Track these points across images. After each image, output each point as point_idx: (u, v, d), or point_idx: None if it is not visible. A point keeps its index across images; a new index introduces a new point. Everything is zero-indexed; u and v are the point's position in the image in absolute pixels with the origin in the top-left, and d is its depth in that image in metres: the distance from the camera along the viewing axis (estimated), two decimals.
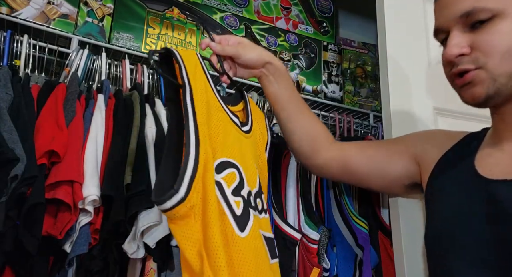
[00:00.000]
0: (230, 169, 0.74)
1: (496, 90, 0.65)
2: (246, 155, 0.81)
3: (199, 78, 0.75)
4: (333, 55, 1.83)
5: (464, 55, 0.67)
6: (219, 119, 0.78)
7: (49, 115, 0.97)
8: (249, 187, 0.77)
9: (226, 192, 0.70)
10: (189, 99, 0.70)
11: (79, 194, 0.89)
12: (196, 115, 0.70)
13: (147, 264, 0.97)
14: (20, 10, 1.26)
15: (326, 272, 1.17)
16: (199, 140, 0.68)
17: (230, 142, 0.77)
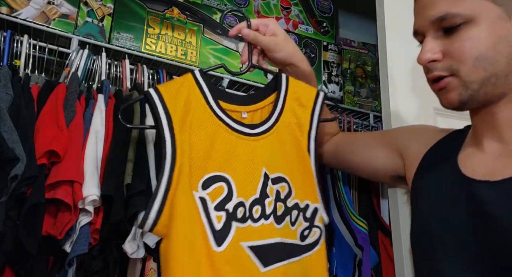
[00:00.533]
0: (218, 183, 0.80)
1: (469, 96, 0.66)
2: (246, 162, 0.83)
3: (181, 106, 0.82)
4: (333, 55, 1.83)
5: (436, 61, 0.67)
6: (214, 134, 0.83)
7: (49, 115, 0.97)
8: (242, 197, 0.80)
9: (209, 207, 0.77)
10: (168, 130, 0.79)
11: (79, 194, 0.89)
12: (175, 142, 0.78)
13: (147, 264, 0.97)
14: (20, 10, 1.26)
15: None
16: (174, 167, 0.77)
17: (223, 154, 0.82)
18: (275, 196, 0.83)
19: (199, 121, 0.83)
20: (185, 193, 0.76)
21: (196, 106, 0.84)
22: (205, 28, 1.57)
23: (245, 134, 0.86)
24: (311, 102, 0.93)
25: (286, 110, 0.91)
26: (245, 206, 0.80)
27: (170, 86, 0.86)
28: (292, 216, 0.85)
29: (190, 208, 0.76)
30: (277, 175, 0.85)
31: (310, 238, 0.86)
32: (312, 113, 0.92)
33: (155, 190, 0.76)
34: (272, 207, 0.82)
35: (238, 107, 0.90)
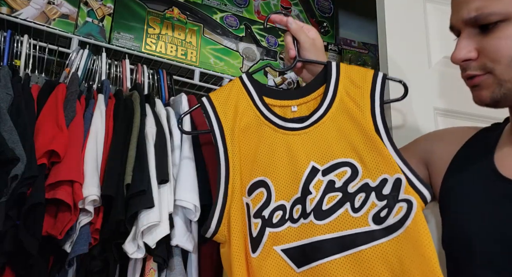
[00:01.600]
0: (259, 189, 0.83)
1: (502, 95, 0.65)
2: (290, 160, 0.83)
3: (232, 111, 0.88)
4: (333, 55, 1.83)
5: (471, 59, 0.66)
6: (260, 135, 0.86)
7: (49, 115, 0.97)
8: (283, 200, 0.81)
9: (250, 213, 0.81)
10: (220, 141, 0.86)
11: (79, 194, 0.89)
12: (227, 153, 0.85)
13: (147, 264, 0.97)
14: (20, 10, 1.26)
15: None
16: (228, 178, 0.83)
17: (267, 155, 0.85)
18: (324, 189, 0.79)
19: (247, 123, 0.87)
20: (238, 201, 0.82)
21: (244, 109, 0.89)
22: (205, 28, 1.57)
23: (291, 129, 0.86)
24: (368, 82, 0.87)
25: (340, 94, 0.87)
26: (286, 208, 0.80)
27: (220, 92, 0.91)
28: (356, 201, 0.77)
29: (242, 214, 0.82)
30: (333, 162, 0.81)
31: (392, 218, 0.73)
32: (372, 93, 0.86)
33: (214, 203, 0.83)
34: (314, 203, 0.78)
35: (288, 101, 0.90)
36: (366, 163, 0.79)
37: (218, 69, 1.53)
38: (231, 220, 0.80)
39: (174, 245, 0.97)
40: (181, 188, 0.99)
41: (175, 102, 1.21)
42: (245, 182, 0.84)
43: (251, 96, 0.90)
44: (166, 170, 1.00)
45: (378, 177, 0.77)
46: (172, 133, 1.09)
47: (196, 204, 0.97)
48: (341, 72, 0.89)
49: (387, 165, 0.77)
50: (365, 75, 0.88)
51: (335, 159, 0.81)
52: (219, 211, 0.82)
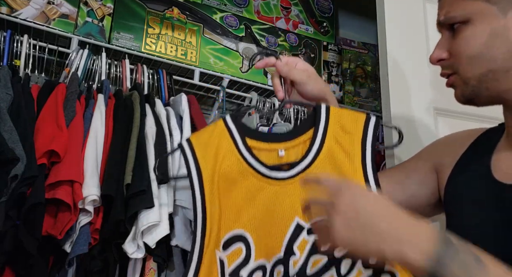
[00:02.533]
0: (237, 244, 0.75)
1: (471, 92, 0.67)
2: (274, 214, 0.75)
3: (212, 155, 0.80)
4: (333, 55, 1.83)
5: (444, 60, 0.70)
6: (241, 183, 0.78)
7: (49, 115, 0.97)
8: (263, 258, 0.74)
9: (225, 272, 0.73)
10: (198, 188, 0.78)
11: (79, 194, 0.89)
12: (205, 201, 0.77)
13: (147, 264, 0.97)
14: (20, 10, 1.26)
15: None
16: (205, 230, 0.75)
17: (249, 206, 0.76)
18: (309, 250, 0.72)
19: (228, 169, 0.79)
20: (211, 251, 0.75)
21: (225, 153, 0.80)
22: (205, 28, 1.57)
23: (276, 179, 0.78)
24: (359, 128, 0.81)
25: (329, 141, 0.80)
26: (266, 269, 0.73)
27: (201, 134, 0.84)
28: (342, 267, 0.71)
29: (212, 270, 0.74)
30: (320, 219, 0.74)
31: None
32: (363, 140, 0.80)
33: (189, 257, 0.75)
34: (298, 266, 0.72)
35: (275, 144, 0.82)
36: None
37: (218, 69, 1.53)
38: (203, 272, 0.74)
39: (174, 245, 0.97)
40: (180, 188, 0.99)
41: (175, 102, 1.21)
42: (222, 233, 0.76)
43: (234, 139, 0.81)
44: (166, 170, 1.00)
45: None
46: (172, 133, 1.09)
47: None
48: (330, 117, 0.82)
49: None
50: (356, 120, 0.81)
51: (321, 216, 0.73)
52: (194, 267, 0.74)
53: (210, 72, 1.51)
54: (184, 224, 0.99)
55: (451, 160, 0.79)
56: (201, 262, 0.74)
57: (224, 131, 0.82)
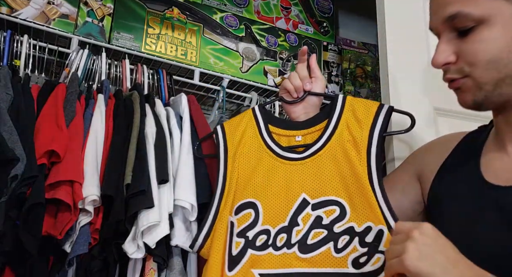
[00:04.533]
0: (248, 209, 0.85)
1: (483, 98, 0.64)
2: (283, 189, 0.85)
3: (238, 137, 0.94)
4: (333, 55, 1.83)
5: (450, 63, 0.66)
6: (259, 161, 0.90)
7: (49, 115, 0.97)
8: (268, 225, 0.82)
9: (234, 232, 0.83)
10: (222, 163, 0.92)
11: (79, 194, 0.89)
12: (226, 173, 0.91)
13: (147, 264, 0.97)
14: (20, 10, 1.26)
15: None
16: (222, 196, 0.88)
17: (261, 180, 0.87)
18: (311, 223, 0.80)
19: (249, 149, 0.92)
20: (225, 219, 0.86)
21: (249, 136, 0.94)
22: (205, 28, 1.57)
23: (289, 159, 0.88)
24: (370, 116, 0.86)
25: (341, 128, 0.87)
26: (270, 234, 0.81)
27: (232, 120, 0.99)
28: (339, 242, 0.78)
29: (224, 232, 0.85)
30: (324, 199, 0.81)
31: (370, 266, 0.74)
32: (371, 128, 0.85)
33: (205, 216, 0.88)
34: (300, 235, 0.80)
35: (294, 131, 0.92)
36: (355, 206, 0.79)
37: (218, 69, 1.53)
38: (215, 236, 0.85)
39: (174, 245, 0.97)
40: (179, 187, 0.99)
41: (175, 102, 1.21)
42: (235, 201, 0.86)
43: (259, 125, 0.95)
44: (166, 170, 1.00)
45: (364, 224, 0.77)
46: (172, 133, 1.09)
47: (193, 203, 0.97)
48: (345, 105, 0.90)
49: (373, 214, 0.77)
50: (369, 108, 0.87)
51: (326, 196, 0.81)
52: (208, 226, 0.87)
53: (210, 72, 1.51)
54: (184, 224, 0.99)
55: (434, 167, 0.78)
56: (213, 224, 0.86)
57: (251, 118, 0.96)
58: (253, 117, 0.97)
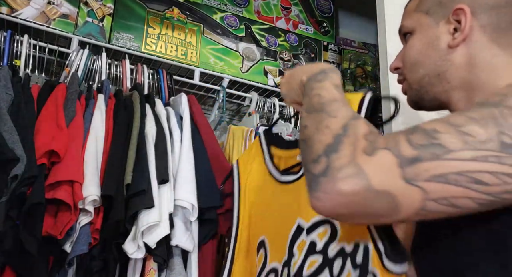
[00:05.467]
0: (261, 249, 0.81)
1: (415, 96, 0.74)
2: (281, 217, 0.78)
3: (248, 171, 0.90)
4: (333, 55, 1.83)
5: (399, 68, 0.76)
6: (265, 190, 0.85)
7: (49, 115, 0.97)
8: (276, 261, 0.77)
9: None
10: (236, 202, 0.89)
11: (79, 194, 0.89)
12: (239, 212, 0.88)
13: (147, 264, 0.97)
14: (20, 10, 1.26)
15: None
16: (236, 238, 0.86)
17: (267, 212, 0.83)
18: (306, 251, 0.72)
19: (257, 181, 0.88)
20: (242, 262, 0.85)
21: (257, 167, 0.89)
22: (205, 28, 1.57)
23: (286, 183, 0.80)
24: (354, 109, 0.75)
25: None
26: (278, 272, 0.75)
27: (245, 153, 0.95)
28: (334, 268, 0.69)
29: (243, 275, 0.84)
30: (316, 219, 0.73)
31: None
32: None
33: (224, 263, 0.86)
34: (296, 267, 0.72)
35: (294, 150, 0.84)
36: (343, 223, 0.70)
37: (218, 69, 1.53)
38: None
39: (174, 245, 0.97)
40: (179, 187, 0.99)
41: (175, 102, 1.21)
42: (252, 241, 0.85)
43: (263, 151, 0.90)
44: (166, 170, 1.00)
45: (352, 242, 0.68)
46: (172, 133, 1.09)
47: (193, 203, 0.97)
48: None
49: (359, 229, 0.67)
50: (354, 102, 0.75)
51: (317, 216, 0.72)
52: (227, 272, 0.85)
53: (210, 72, 1.51)
54: (184, 224, 0.99)
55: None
56: (231, 268, 0.84)
57: (258, 147, 0.91)
58: (259, 144, 0.91)
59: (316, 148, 0.52)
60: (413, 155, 0.47)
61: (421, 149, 0.47)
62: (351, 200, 0.47)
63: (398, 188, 0.46)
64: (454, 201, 0.47)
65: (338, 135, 0.52)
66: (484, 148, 0.47)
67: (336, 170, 0.47)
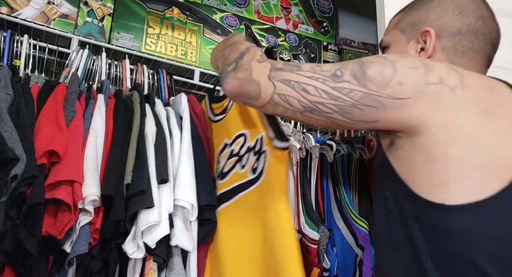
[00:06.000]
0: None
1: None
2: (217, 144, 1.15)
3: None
4: (333, 55, 1.83)
5: None
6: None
7: (49, 115, 0.97)
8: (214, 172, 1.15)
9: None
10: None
11: (79, 194, 0.89)
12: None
13: (147, 264, 0.97)
14: (20, 10, 1.26)
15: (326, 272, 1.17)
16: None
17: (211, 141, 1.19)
18: (228, 157, 1.08)
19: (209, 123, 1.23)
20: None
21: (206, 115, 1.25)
22: (205, 28, 1.57)
23: (219, 121, 1.17)
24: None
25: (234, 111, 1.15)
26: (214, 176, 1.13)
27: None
28: (243, 160, 1.03)
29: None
30: (236, 135, 1.07)
31: (259, 168, 0.98)
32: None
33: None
34: (220, 169, 1.10)
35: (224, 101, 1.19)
36: (251, 130, 1.03)
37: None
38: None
39: (173, 245, 0.97)
40: (179, 187, 0.99)
41: (175, 102, 1.21)
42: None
43: (207, 107, 1.25)
44: (166, 170, 1.00)
45: (255, 137, 1.01)
46: (172, 133, 1.09)
47: (193, 203, 0.97)
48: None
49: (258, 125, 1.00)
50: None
51: (237, 132, 1.07)
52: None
53: (210, 72, 1.51)
54: (184, 224, 0.99)
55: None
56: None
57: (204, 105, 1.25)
58: (205, 104, 1.26)
59: (230, 58, 0.79)
60: (280, 67, 0.71)
61: (286, 66, 0.71)
62: (241, 83, 0.72)
63: (263, 81, 0.70)
64: (288, 98, 0.69)
65: (243, 52, 0.78)
66: (320, 74, 0.67)
67: (239, 68, 0.74)
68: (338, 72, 0.66)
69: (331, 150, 1.31)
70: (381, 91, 0.64)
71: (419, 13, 0.80)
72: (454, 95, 0.63)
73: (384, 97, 0.64)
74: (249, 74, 0.72)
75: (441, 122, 0.62)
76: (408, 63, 0.65)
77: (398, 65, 0.65)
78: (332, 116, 0.67)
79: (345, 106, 0.65)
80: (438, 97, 0.63)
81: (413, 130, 0.64)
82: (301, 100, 0.68)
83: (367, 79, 0.64)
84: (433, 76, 0.64)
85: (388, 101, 0.64)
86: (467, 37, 0.76)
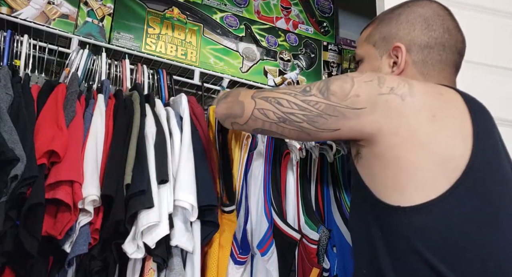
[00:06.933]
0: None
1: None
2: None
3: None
4: (333, 55, 1.83)
5: None
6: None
7: (49, 115, 0.97)
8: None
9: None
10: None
11: (79, 194, 0.89)
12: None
13: (146, 264, 0.97)
14: (20, 10, 1.26)
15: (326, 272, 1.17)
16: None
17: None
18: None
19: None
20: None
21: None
22: (205, 28, 1.57)
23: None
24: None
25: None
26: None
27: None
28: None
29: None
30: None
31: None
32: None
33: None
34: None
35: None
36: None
37: (218, 69, 1.53)
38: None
39: (173, 245, 0.97)
40: (179, 188, 0.99)
41: (175, 102, 1.21)
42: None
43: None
44: (166, 170, 1.00)
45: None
46: (172, 133, 1.09)
47: (192, 203, 0.97)
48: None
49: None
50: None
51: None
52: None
53: (210, 72, 1.51)
54: (184, 224, 0.99)
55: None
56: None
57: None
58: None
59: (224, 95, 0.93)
60: (262, 90, 0.84)
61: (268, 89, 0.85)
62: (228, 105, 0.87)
63: (246, 100, 0.82)
64: (265, 111, 0.79)
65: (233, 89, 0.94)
66: (293, 90, 0.78)
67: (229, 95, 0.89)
68: (307, 88, 0.77)
69: (331, 150, 1.31)
70: (341, 102, 0.72)
71: (389, 28, 0.85)
72: (404, 103, 0.70)
73: (344, 108, 0.72)
74: (236, 97, 0.85)
75: (393, 128, 0.69)
76: (364, 78, 0.74)
77: (356, 80, 0.74)
78: (302, 125, 0.76)
79: (312, 116, 0.75)
80: (389, 105, 0.70)
81: (371, 137, 0.71)
82: (276, 111, 0.78)
83: (330, 93, 0.74)
84: (385, 87, 0.72)
85: (348, 111, 0.72)
86: (435, 50, 0.81)
